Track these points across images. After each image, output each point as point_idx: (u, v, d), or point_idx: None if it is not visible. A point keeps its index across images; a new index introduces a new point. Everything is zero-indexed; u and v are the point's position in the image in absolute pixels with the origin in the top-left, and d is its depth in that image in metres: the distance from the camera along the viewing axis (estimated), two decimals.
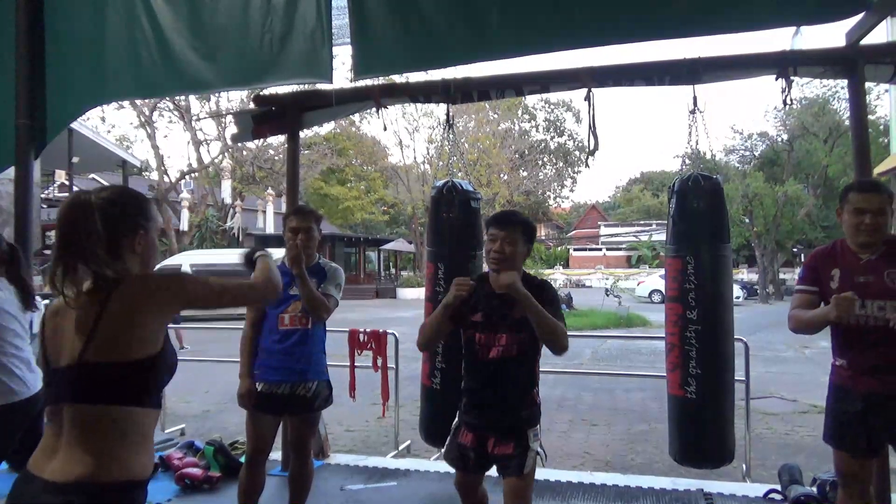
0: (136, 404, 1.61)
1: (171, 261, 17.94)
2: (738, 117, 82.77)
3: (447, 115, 4.20)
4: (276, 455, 4.56)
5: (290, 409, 3.19)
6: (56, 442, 1.57)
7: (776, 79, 3.60)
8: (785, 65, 3.57)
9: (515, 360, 2.57)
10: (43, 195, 20.08)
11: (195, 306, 1.77)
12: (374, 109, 4.21)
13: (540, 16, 3.53)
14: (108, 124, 41.48)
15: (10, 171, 4.10)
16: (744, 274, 34.80)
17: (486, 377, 2.61)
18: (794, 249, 34.70)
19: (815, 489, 3.81)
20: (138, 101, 22.38)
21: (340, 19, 3.83)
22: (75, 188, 19.54)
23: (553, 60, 3.66)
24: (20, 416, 3.05)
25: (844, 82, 3.65)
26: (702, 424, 3.67)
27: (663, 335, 3.86)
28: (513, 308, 2.53)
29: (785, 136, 32.13)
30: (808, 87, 27.84)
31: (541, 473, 4.40)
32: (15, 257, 3.19)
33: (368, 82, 4.19)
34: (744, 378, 4.53)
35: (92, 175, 26.48)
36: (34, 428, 3.10)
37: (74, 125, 14.20)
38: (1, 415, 2.99)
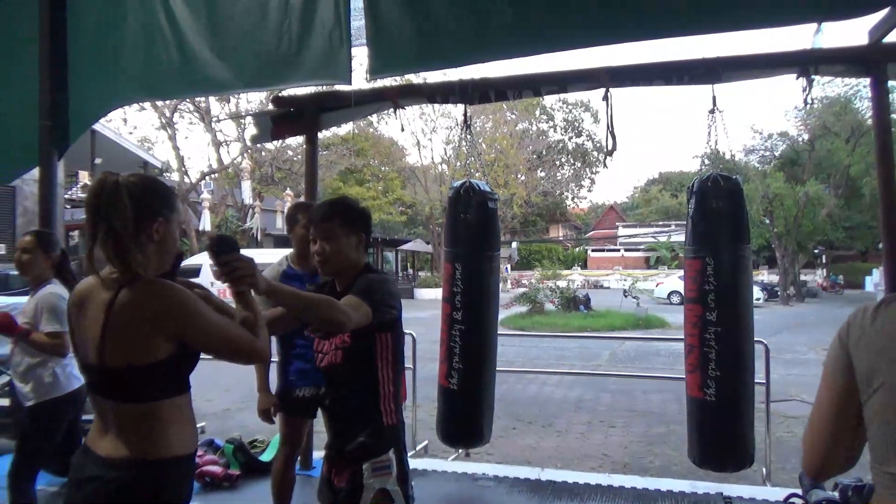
0: (164, 397, 1.66)
1: (191, 260, 18.10)
2: (759, 117, 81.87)
3: (464, 115, 4.21)
4: None
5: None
6: (105, 425, 1.67)
7: (797, 78, 3.56)
8: (806, 63, 3.52)
9: (342, 367, 2.11)
10: (67, 195, 20.40)
11: (190, 344, 1.66)
12: (391, 110, 4.23)
13: (555, 14, 3.51)
14: (130, 126, 41.92)
15: (35, 172, 4.18)
16: (764, 275, 34.37)
17: (325, 389, 2.25)
18: (816, 250, 34.23)
19: (836, 494, 3.76)
20: (159, 103, 22.63)
21: (359, 21, 3.85)
22: None
23: (571, 60, 3.66)
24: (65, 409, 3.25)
25: (867, 81, 3.60)
26: (721, 427, 3.63)
27: (682, 337, 3.84)
28: None
29: (806, 136, 31.71)
30: (829, 86, 27.46)
31: (558, 475, 4.40)
32: (65, 261, 3.34)
33: (386, 83, 4.21)
34: (764, 380, 4.49)
35: None
36: (73, 430, 3.25)
37: (97, 126, 14.42)
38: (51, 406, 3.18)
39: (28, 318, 3.14)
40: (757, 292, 23.44)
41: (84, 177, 22.03)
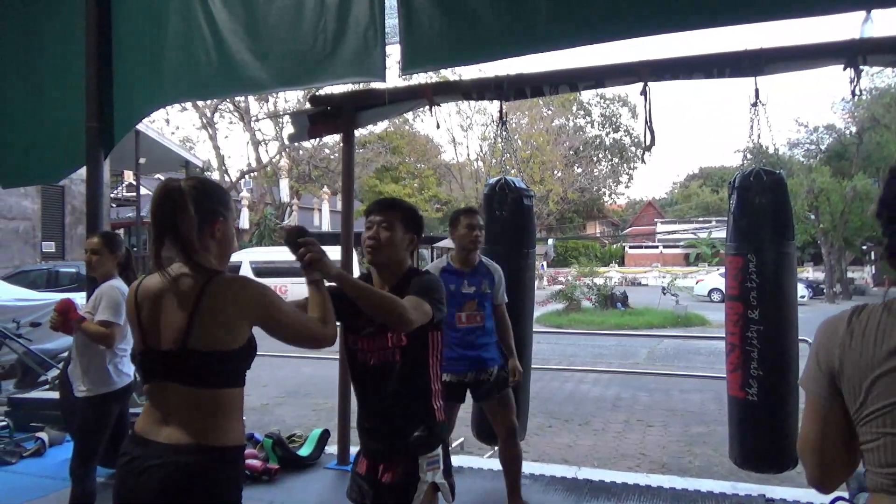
0: (231, 386, 1.78)
1: (232, 258, 18.44)
2: (803, 109, 79.69)
3: (500, 112, 4.18)
4: (331, 449, 4.64)
5: (478, 395, 3.55)
6: (165, 414, 1.74)
7: (844, 69, 3.43)
8: (854, 54, 3.39)
9: (400, 365, 2.13)
10: (112, 195, 20.96)
11: (266, 330, 1.80)
12: (427, 107, 4.22)
13: (591, 5, 3.45)
14: (173, 126, 42.89)
15: (82, 172, 4.30)
16: (809, 272, 33.48)
17: (370, 387, 2.21)
18: (864, 247, 33.20)
19: None
20: (200, 103, 23.09)
21: (393, 18, 3.85)
22: (142, 188, 20.35)
23: (608, 54, 3.60)
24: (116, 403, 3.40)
25: None
26: (764, 427, 3.55)
27: (723, 335, 3.76)
28: None
29: (853, 129, 30.74)
30: (878, 77, 26.55)
31: (595, 474, 4.35)
32: (129, 260, 3.52)
33: (422, 80, 4.20)
34: None
35: (157, 175, 27.48)
36: (121, 423, 3.37)
37: (140, 127, 14.77)
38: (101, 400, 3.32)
39: (89, 309, 3.36)
40: (802, 290, 22.82)
41: (128, 176, 22.62)
